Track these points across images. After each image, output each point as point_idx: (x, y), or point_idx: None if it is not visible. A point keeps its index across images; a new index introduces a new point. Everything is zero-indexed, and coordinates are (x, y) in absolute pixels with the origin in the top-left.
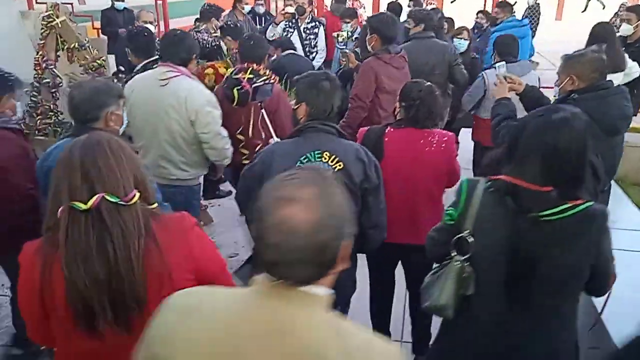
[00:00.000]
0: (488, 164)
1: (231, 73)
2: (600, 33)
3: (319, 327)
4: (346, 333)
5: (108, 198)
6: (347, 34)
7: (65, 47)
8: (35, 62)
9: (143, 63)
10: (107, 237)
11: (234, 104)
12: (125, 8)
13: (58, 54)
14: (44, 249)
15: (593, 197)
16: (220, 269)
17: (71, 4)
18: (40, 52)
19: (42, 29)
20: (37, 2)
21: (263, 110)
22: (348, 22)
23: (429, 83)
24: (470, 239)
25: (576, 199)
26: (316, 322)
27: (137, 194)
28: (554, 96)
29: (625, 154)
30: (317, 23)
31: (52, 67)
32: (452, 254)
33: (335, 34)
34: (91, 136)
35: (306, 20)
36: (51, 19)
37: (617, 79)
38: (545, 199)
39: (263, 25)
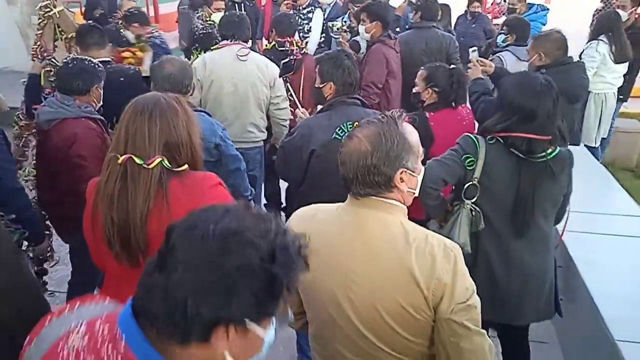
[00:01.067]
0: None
1: (272, 46)
2: (607, 23)
3: (390, 224)
4: (409, 228)
5: (134, 159)
6: (342, 23)
7: (64, 36)
8: (33, 52)
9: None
10: (125, 191)
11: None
12: None
13: (56, 43)
14: (98, 186)
15: None
16: None
17: None
18: (39, 43)
19: (39, 19)
20: None
21: (288, 85)
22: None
23: (453, 65)
24: (478, 185)
25: (552, 144)
26: (387, 220)
27: (159, 159)
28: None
29: (615, 139)
30: (312, 8)
31: (50, 57)
32: (462, 201)
33: (330, 24)
34: (143, 100)
35: (303, 5)
36: (48, 9)
37: (622, 69)
38: (544, 146)
39: (243, 11)
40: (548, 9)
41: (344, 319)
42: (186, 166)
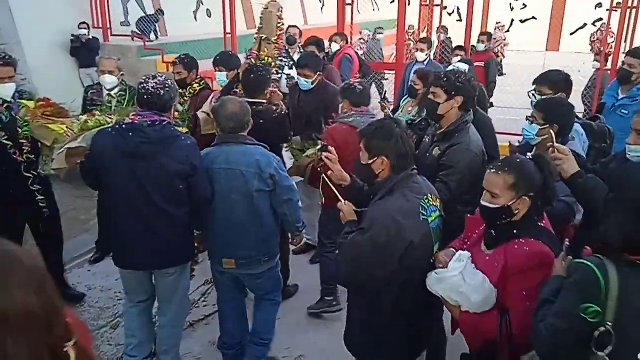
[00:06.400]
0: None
1: None
2: None
3: None
4: None
5: None
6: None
7: (260, 35)
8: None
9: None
10: None
11: None
12: None
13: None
14: None
15: None
16: None
17: (142, 38)
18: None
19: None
20: None
21: (324, 176)
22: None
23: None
24: (613, 332)
25: None
26: None
27: None
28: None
29: None
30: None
31: (250, 57)
32: (589, 351)
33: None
34: None
35: (297, 51)
36: (266, 7)
37: None
38: None
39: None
40: None
41: None
42: None
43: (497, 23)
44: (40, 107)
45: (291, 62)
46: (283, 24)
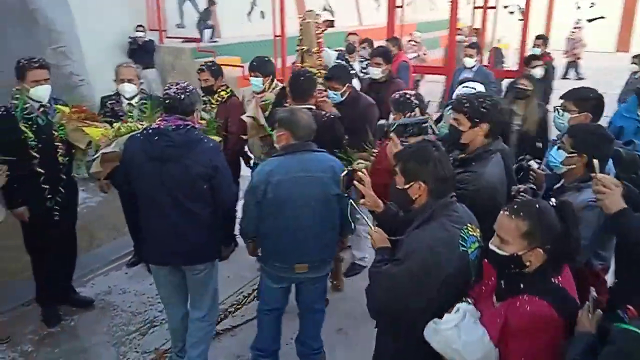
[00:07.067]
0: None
1: None
2: None
3: None
4: None
5: None
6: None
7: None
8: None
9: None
10: None
11: None
12: None
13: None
14: None
15: None
16: None
17: (196, 40)
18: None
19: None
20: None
21: (352, 201)
22: None
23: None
24: None
25: None
26: None
27: None
28: None
29: None
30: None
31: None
32: None
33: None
34: None
35: (358, 59)
36: (303, 18)
37: None
38: None
39: None
40: None
41: None
42: None
43: (575, 23)
44: (75, 113)
45: (352, 72)
46: (322, 32)
